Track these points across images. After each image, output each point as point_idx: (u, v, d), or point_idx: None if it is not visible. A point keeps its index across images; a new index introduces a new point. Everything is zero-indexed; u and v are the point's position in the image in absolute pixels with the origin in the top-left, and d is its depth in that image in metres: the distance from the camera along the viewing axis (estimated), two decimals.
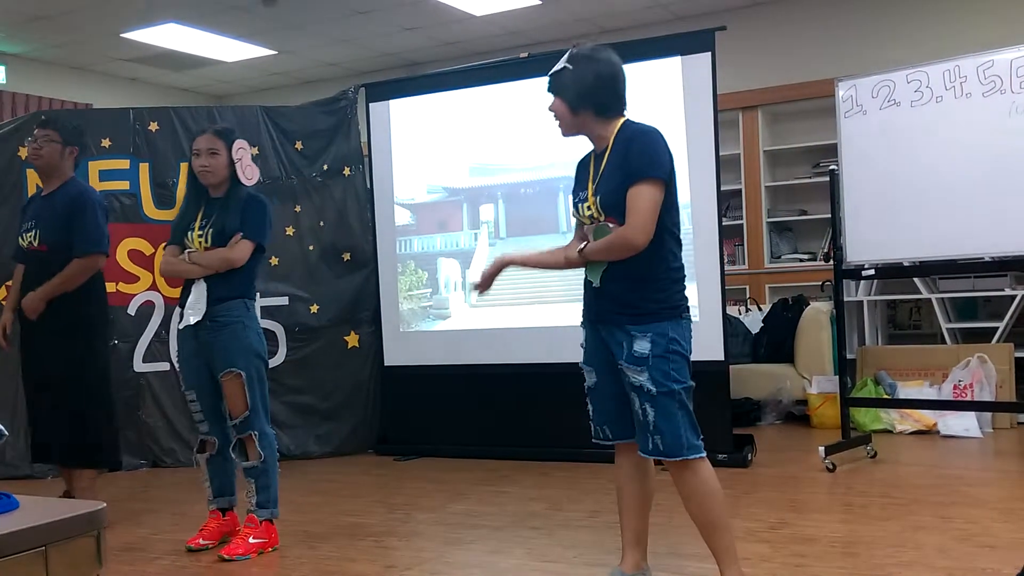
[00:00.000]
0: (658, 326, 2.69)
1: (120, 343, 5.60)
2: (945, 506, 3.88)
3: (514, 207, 5.51)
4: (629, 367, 2.71)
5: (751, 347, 6.62)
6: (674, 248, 2.77)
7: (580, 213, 2.84)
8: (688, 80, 4.97)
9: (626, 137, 2.74)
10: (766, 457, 5.07)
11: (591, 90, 2.75)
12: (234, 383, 3.62)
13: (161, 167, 5.73)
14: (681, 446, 2.68)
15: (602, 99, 2.76)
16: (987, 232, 4.46)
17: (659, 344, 2.68)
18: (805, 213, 7.67)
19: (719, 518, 2.72)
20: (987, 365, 5.66)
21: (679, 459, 2.69)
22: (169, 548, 3.77)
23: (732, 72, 6.85)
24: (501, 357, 5.47)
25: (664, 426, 2.68)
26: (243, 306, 3.69)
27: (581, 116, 2.78)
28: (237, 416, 3.65)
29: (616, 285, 2.74)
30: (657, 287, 2.72)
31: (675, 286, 2.75)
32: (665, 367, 2.68)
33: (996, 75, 4.45)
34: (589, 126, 2.80)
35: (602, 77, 2.76)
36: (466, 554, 3.55)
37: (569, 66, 2.76)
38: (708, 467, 2.73)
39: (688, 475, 2.72)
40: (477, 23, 8.00)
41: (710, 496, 2.71)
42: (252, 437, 3.66)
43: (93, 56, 8.66)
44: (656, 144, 2.72)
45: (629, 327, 2.71)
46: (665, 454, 2.70)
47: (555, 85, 2.80)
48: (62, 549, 1.55)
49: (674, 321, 2.72)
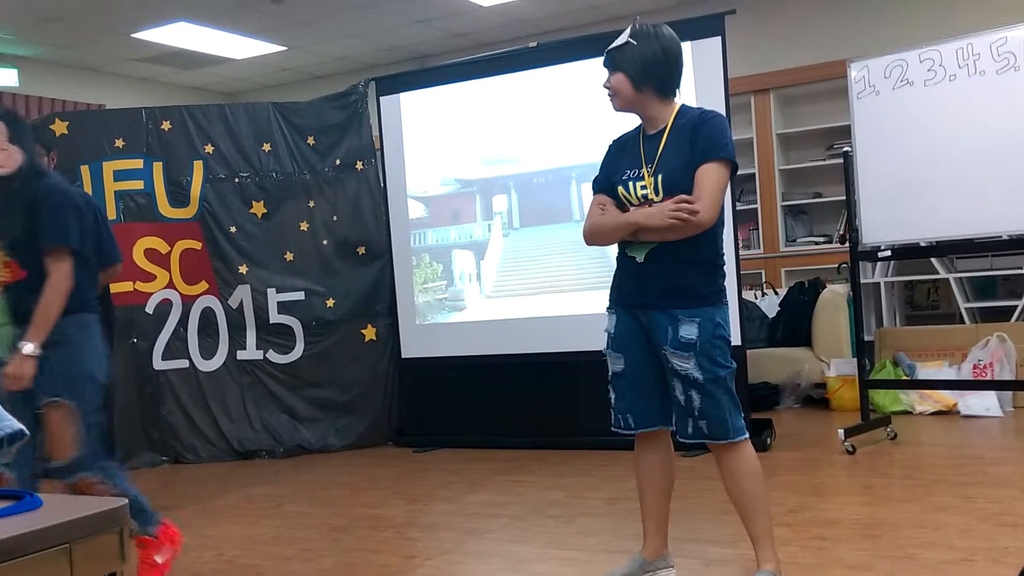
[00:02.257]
0: (706, 311, 2.68)
1: (139, 341, 5.66)
2: (966, 486, 3.86)
3: (527, 197, 5.51)
4: (675, 352, 2.68)
5: (768, 331, 6.60)
6: (722, 234, 2.77)
7: (631, 192, 2.76)
8: (699, 65, 4.95)
9: (692, 118, 2.72)
10: (785, 441, 5.06)
11: (656, 67, 2.72)
12: (57, 415, 2.94)
13: (175, 166, 5.75)
14: (727, 430, 2.68)
15: (666, 77, 2.74)
16: (1004, 210, 4.43)
17: (707, 329, 2.66)
18: (820, 196, 7.63)
19: (759, 500, 2.72)
20: (1007, 344, 5.63)
21: (725, 442, 2.69)
22: (192, 543, 3.79)
23: (743, 56, 6.82)
24: (517, 347, 5.47)
25: (711, 412, 2.67)
26: (76, 323, 3.04)
27: (643, 93, 2.73)
28: (61, 458, 2.95)
29: (666, 268, 2.70)
30: (705, 271, 2.71)
31: (720, 271, 2.75)
32: (712, 353, 2.66)
33: (1010, 52, 4.40)
34: (648, 104, 2.75)
35: (669, 54, 2.73)
36: (486, 544, 3.56)
37: (633, 41, 2.71)
38: (751, 448, 2.73)
39: (732, 457, 2.71)
40: (485, 14, 7.99)
41: (753, 477, 2.70)
42: (88, 482, 2.98)
43: (104, 57, 8.71)
44: (726, 128, 2.74)
45: (676, 311, 2.69)
46: (711, 437, 2.70)
47: (617, 60, 2.74)
48: (86, 546, 1.57)
49: (720, 306, 2.71)
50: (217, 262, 5.77)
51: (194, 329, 5.74)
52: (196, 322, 5.74)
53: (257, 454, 5.70)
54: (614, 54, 2.75)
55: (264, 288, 5.78)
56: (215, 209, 5.77)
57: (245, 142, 5.84)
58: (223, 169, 5.81)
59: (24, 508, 1.62)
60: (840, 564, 2.98)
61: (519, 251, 5.53)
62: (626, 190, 2.78)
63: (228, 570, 3.41)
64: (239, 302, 5.77)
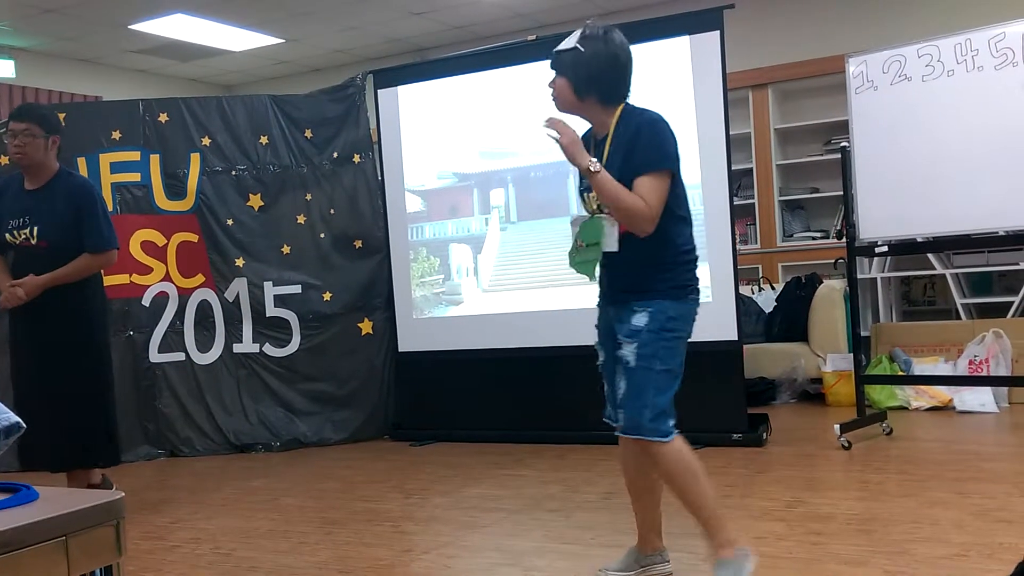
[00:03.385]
0: (660, 303, 2.65)
1: (135, 334, 5.65)
2: (962, 482, 3.87)
3: (524, 191, 5.51)
4: (623, 339, 2.68)
5: (765, 326, 6.61)
6: (684, 230, 2.73)
7: (587, 202, 2.78)
8: (697, 60, 4.95)
9: (630, 126, 2.66)
10: (781, 436, 5.07)
11: (600, 76, 2.67)
12: None
13: (172, 158, 5.74)
14: (640, 426, 2.63)
15: (610, 86, 2.69)
16: (1001, 206, 4.43)
17: (656, 320, 2.63)
18: (817, 191, 7.63)
19: (694, 496, 2.66)
20: (1002, 340, 5.64)
21: (638, 438, 2.66)
22: (188, 536, 3.80)
23: (741, 50, 6.81)
24: (514, 341, 5.48)
25: (629, 402, 2.65)
26: None
27: (585, 101, 2.70)
28: None
29: (626, 268, 2.71)
30: (664, 268, 2.69)
31: (682, 267, 2.71)
32: (655, 345, 2.63)
33: (1008, 47, 4.40)
34: (590, 111, 2.72)
35: (614, 64, 2.67)
36: (483, 537, 3.56)
37: (580, 47, 2.65)
38: (673, 451, 2.64)
39: (647, 456, 2.69)
40: (484, 6, 7.98)
41: (680, 476, 2.65)
42: None
43: (101, 48, 8.68)
44: (664, 134, 2.65)
45: (633, 302, 2.69)
46: (625, 430, 2.68)
47: (562, 64, 2.69)
48: (82, 539, 1.57)
49: (678, 301, 2.68)
50: (214, 255, 5.76)
51: (190, 322, 5.73)
52: (192, 315, 5.73)
53: (253, 447, 5.70)
54: (560, 58, 2.70)
55: (261, 281, 5.77)
56: (212, 202, 5.76)
57: (242, 135, 5.83)
58: (220, 162, 5.80)
59: (20, 501, 1.62)
60: (835, 559, 2.99)
61: (516, 245, 5.53)
62: (581, 199, 2.83)
63: (224, 563, 3.41)
64: (236, 295, 5.77)
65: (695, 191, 4.95)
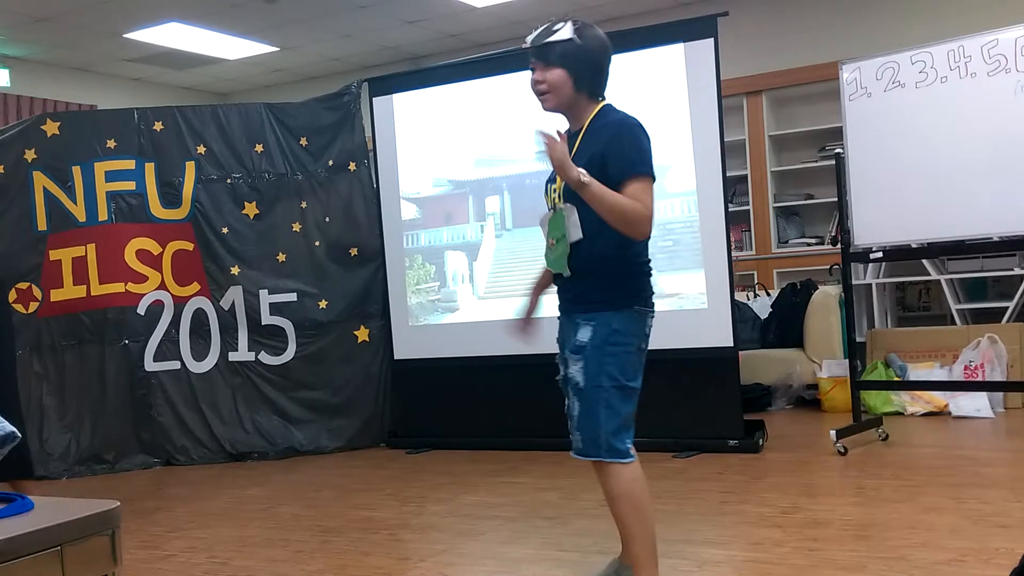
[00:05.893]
0: (603, 315, 2.56)
1: (131, 343, 5.64)
2: (958, 487, 3.87)
3: (519, 198, 5.51)
4: (570, 356, 2.62)
5: (760, 332, 6.61)
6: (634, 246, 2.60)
7: (548, 195, 2.71)
8: (691, 67, 4.95)
9: (608, 124, 2.59)
10: (777, 442, 5.07)
11: (600, 68, 2.64)
12: None
13: (167, 166, 5.74)
14: (598, 447, 2.54)
15: (603, 79, 2.66)
16: (995, 212, 4.44)
17: (599, 334, 2.55)
18: (812, 197, 7.65)
19: (633, 526, 2.58)
20: (997, 345, 5.65)
21: (594, 460, 2.58)
22: (184, 546, 3.79)
23: (736, 57, 6.83)
24: (510, 349, 5.40)
25: (584, 423, 2.56)
26: None
27: (580, 93, 2.62)
28: None
29: (575, 279, 2.64)
30: (608, 278, 2.59)
31: (630, 279, 2.61)
32: (600, 360, 2.54)
33: (1001, 54, 4.42)
34: (580, 105, 2.64)
35: (606, 56, 2.65)
36: (480, 545, 3.56)
37: (577, 39, 2.57)
38: (629, 472, 2.57)
39: (604, 477, 2.60)
40: (478, 14, 7.99)
41: (625, 501, 2.57)
42: None
43: (96, 57, 8.69)
44: (645, 139, 2.59)
45: (577, 316, 2.63)
46: (583, 452, 2.59)
47: (557, 56, 2.58)
48: (77, 548, 1.56)
49: (621, 312, 2.57)
50: (209, 263, 5.75)
51: (186, 330, 5.72)
52: (188, 323, 5.72)
53: (249, 456, 5.68)
54: (555, 47, 2.57)
55: (256, 289, 5.77)
56: (207, 210, 5.76)
57: (237, 143, 5.83)
58: (215, 170, 5.79)
59: (15, 511, 1.62)
60: (832, 565, 2.99)
61: (512, 252, 5.53)
62: (545, 193, 2.75)
63: (220, 572, 3.40)
64: (231, 303, 5.76)
65: (690, 198, 4.96)
